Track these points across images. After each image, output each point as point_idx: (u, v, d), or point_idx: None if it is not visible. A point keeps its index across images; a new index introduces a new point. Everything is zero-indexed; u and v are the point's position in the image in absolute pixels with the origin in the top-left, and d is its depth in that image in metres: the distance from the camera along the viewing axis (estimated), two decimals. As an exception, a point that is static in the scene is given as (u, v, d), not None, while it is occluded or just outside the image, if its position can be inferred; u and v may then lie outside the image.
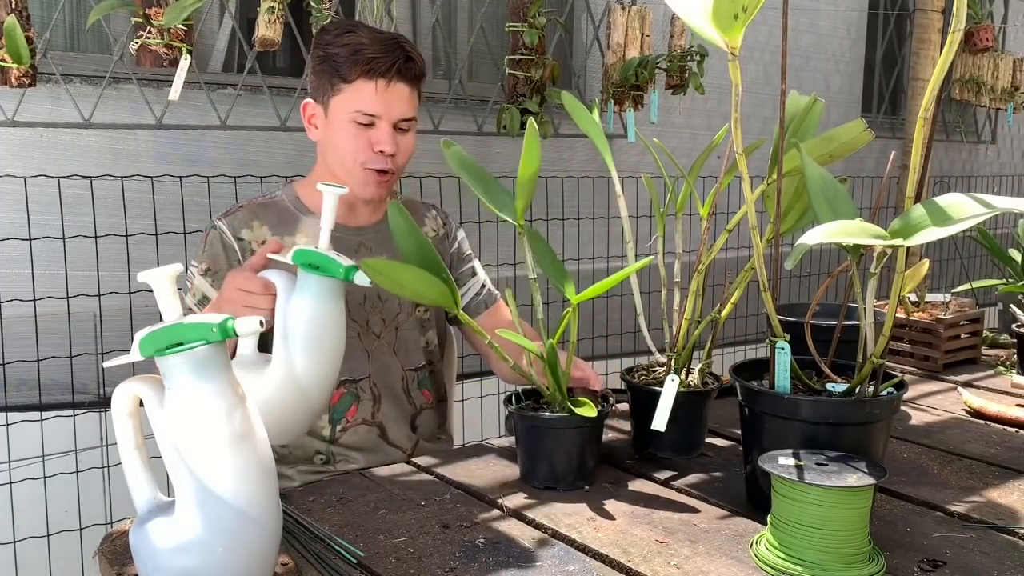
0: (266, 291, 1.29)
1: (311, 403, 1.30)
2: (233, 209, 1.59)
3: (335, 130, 1.54)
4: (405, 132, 1.56)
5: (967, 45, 3.69)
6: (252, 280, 1.29)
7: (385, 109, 1.51)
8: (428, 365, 1.70)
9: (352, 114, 1.51)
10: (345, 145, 1.53)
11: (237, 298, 1.29)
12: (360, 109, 1.50)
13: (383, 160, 1.53)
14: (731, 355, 3.22)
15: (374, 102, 1.50)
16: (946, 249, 4.21)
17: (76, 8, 2.25)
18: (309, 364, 1.26)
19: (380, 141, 1.52)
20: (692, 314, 1.40)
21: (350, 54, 1.49)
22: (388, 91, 1.50)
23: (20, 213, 2.05)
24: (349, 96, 1.51)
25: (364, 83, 1.49)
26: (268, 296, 1.29)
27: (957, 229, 0.99)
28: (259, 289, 1.29)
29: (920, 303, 2.11)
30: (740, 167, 1.15)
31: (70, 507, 2.13)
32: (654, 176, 1.50)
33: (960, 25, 0.99)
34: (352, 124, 1.52)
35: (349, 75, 1.49)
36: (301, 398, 1.28)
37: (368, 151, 1.53)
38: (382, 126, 1.52)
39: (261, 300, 1.29)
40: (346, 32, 1.52)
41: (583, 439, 1.31)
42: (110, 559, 1.10)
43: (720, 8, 1.01)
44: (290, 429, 1.32)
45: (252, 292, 1.29)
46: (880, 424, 1.17)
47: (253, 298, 1.29)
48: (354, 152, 1.53)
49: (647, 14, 2.64)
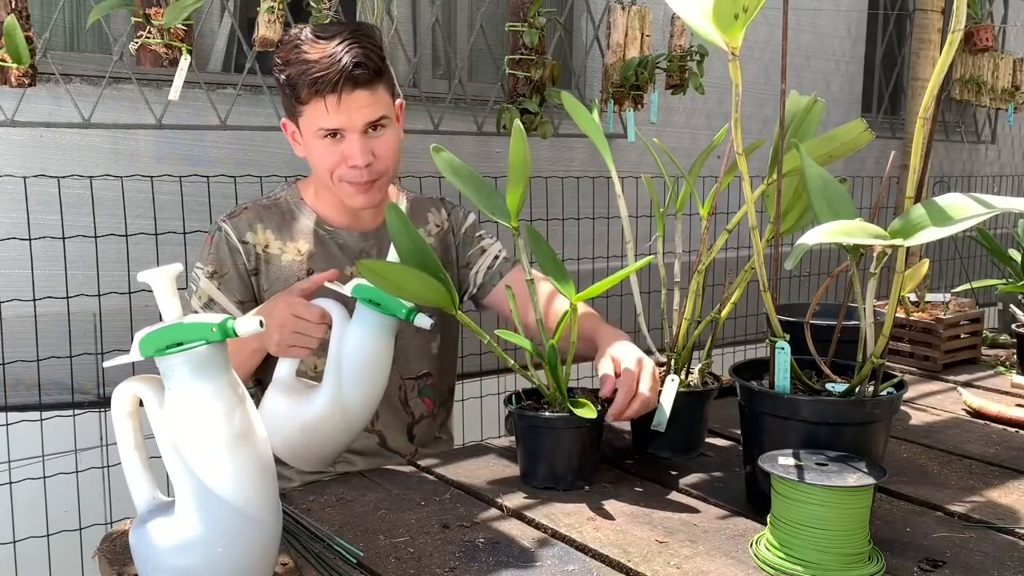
0: (322, 320, 1.31)
1: (352, 429, 1.35)
2: (238, 211, 1.58)
3: (310, 148, 1.51)
4: (381, 133, 1.50)
5: (967, 45, 3.70)
6: (310, 308, 1.31)
7: (346, 121, 1.46)
8: (432, 373, 1.68)
9: (316, 132, 1.48)
10: (321, 162, 1.50)
11: (290, 324, 1.31)
12: (321, 127, 1.47)
13: (359, 172, 1.49)
14: (731, 355, 3.22)
15: (331, 119, 1.45)
16: (946, 249, 4.21)
17: (76, 8, 2.25)
18: (357, 393, 1.31)
19: (351, 155, 1.48)
20: (692, 314, 1.40)
21: (298, 76, 1.44)
22: (343, 104, 1.44)
23: (20, 213, 2.05)
24: (309, 116, 1.47)
25: (316, 102, 1.45)
26: (322, 326, 1.31)
27: (957, 229, 0.99)
28: (316, 318, 1.31)
29: (920, 303, 2.11)
30: (740, 167, 1.15)
31: (70, 507, 2.12)
32: (654, 176, 1.50)
33: (960, 25, 0.99)
34: (321, 140, 1.48)
35: (302, 97, 1.45)
36: (345, 424, 1.33)
37: (343, 165, 1.49)
38: (350, 137, 1.47)
39: (315, 329, 1.31)
40: (292, 49, 1.46)
41: (584, 439, 1.31)
42: (110, 559, 1.10)
43: (720, 8, 1.01)
44: (327, 452, 1.38)
45: (309, 320, 1.30)
46: (880, 424, 1.17)
47: (308, 326, 1.31)
48: (329, 168, 1.50)
49: (647, 14, 2.64)
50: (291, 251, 1.57)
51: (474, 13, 2.76)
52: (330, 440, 1.35)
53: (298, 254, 1.57)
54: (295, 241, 1.57)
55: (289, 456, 1.35)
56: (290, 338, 1.31)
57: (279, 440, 1.32)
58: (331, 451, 1.37)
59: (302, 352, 1.33)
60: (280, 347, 1.33)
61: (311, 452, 1.35)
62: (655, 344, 1.50)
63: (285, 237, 1.57)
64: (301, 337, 1.31)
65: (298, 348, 1.32)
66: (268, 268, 1.56)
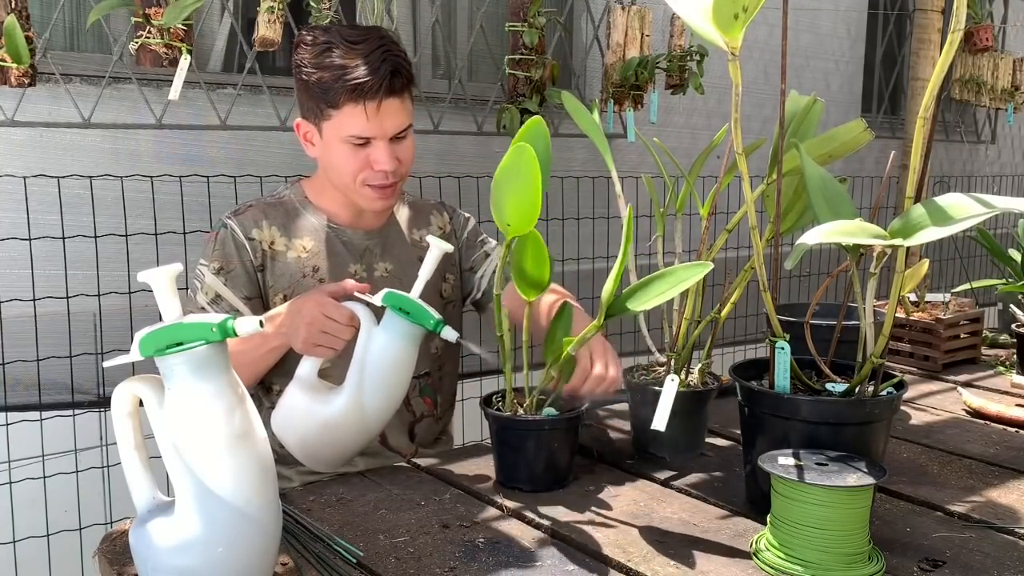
0: (351, 323, 1.32)
1: (368, 432, 1.37)
2: (243, 208, 1.58)
3: (331, 152, 1.51)
4: (403, 139, 1.52)
5: (967, 45, 3.69)
6: (340, 310, 1.32)
7: (379, 129, 1.46)
8: (432, 373, 1.68)
9: (346, 138, 1.47)
10: (344, 166, 1.50)
11: (319, 323, 1.32)
12: (353, 134, 1.46)
13: (384, 176, 1.50)
14: (731, 355, 3.22)
15: (366, 126, 1.45)
16: (946, 249, 4.21)
17: (76, 8, 2.25)
18: (377, 397, 1.33)
19: (379, 160, 1.48)
20: (692, 314, 1.40)
21: (333, 80, 1.42)
22: (379, 112, 1.44)
23: (20, 213, 2.05)
24: (340, 121, 1.46)
25: (353, 108, 1.44)
26: (350, 328, 1.32)
27: (957, 229, 0.99)
28: (345, 320, 1.32)
29: (920, 303, 2.11)
30: (740, 167, 1.15)
31: (70, 507, 2.12)
32: (654, 176, 1.50)
33: (960, 25, 0.99)
34: (348, 146, 1.48)
35: (336, 102, 1.44)
36: (362, 426, 1.34)
37: (368, 170, 1.50)
38: (379, 144, 1.48)
39: (343, 331, 1.32)
40: (323, 51, 1.44)
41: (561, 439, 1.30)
42: (110, 559, 1.10)
43: (720, 8, 1.01)
44: (341, 453, 1.38)
45: (338, 321, 1.31)
46: (880, 424, 1.17)
47: (336, 327, 1.32)
48: (354, 172, 1.50)
49: (647, 14, 2.64)
50: (296, 248, 1.57)
51: (474, 13, 2.76)
52: (345, 441, 1.35)
53: (303, 251, 1.57)
54: (300, 238, 1.57)
55: (302, 454, 1.36)
56: (317, 337, 1.32)
57: (295, 437, 1.33)
58: (344, 452, 1.37)
59: (327, 352, 1.34)
60: (306, 345, 1.34)
61: (325, 451, 1.36)
62: (655, 344, 1.50)
63: (290, 234, 1.57)
64: (328, 337, 1.32)
65: (324, 348, 1.33)
66: (274, 265, 1.56)
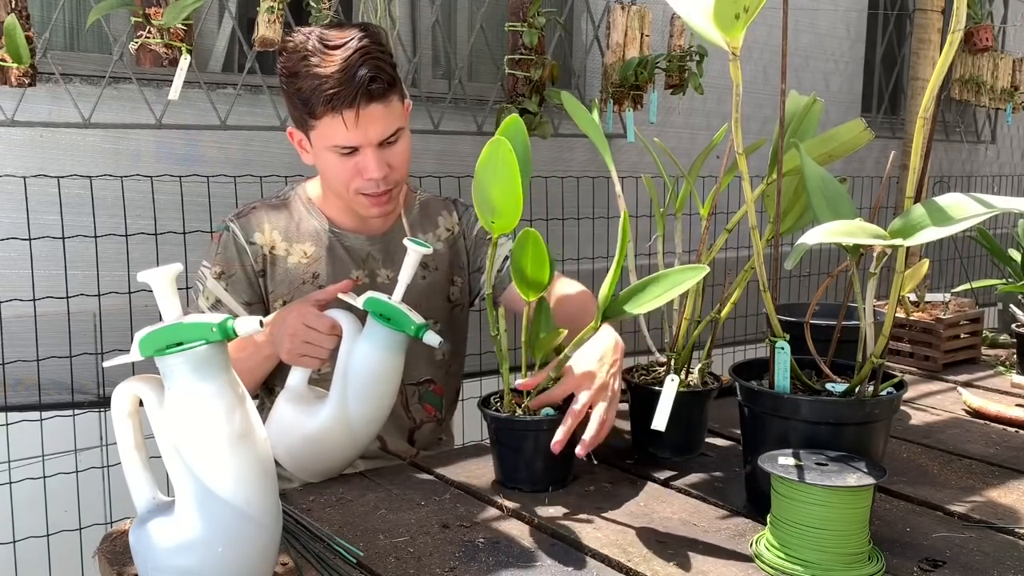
0: (332, 332, 1.30)
1: (357, 444, 1.34)
2: (246, 211, 1.57)
3: (321, 161, 1.48)
4: (394, 143, 1.47)
5: (967, 45, 3.70)
6: (321, 319, 1.30)
7: (362, 137, 1.42)
8: (437, 379, 1.67)
9: (331, 148, 1.44)
10: (335, 176, 1.48)
11: (301, 333, 1.30)
12: (336, 144, 1.43)
13: (375, 184, 1.47)
14: (731, 355, 3.22)
15: (347, 135, 1.41)
16: (946, 249, 4.21)
17: (76, 8, 2.25)
18: (362, 408, 1.30)
19: (367, 169, 1.45)
20: (692, 314, 1.40)
21: (311, 91, 1.38)
22: (359, 120, 1.40)
23: (20, 213, 2.05)
24: (322, 131, 1.43)
25: (332, 119, 1.40)
26: (333, 337, 1.30)
27: (957, 229, 0.99)
28: (326, 329, 1.29)
29: (920, 303, 2.11)
30: (740, 167, 1.15)
31: (70, 507, 2.12)
32: (654, 176, 1.50)
33: (960, 25, 0.99)
34: (335, 155, 1.45)
35: (315, 112, 1.40)
36: (349, 439, 1.32)
37: (359, 178, 1.47)
38: (367, 152, 1.44)
39: (326, 340, 1.30)
40: (301, 60, 1.39)
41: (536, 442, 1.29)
42: (110, 559, 1.10)
43: (721, 8, 1.01)
44: (330, 465, 1.36)
45: (318, 331, 1.29)
46: (880, 424, 1.17)
47: (318, 336, 1.30)
48: (345, 181, 1.47)
49: (647, 14, 2.64)
50: (297, 253, 1.56)
51: (474, 13, 2.76)
52: (333, 453, 1.33)
53: (304, 256, 1.56)
54: (302, 243, 1.56)
55: (292, 466, 1.34)
56: (300, 347, 1.30)
57: (283, 449, 1.32)
58: (334, 464, 1.36)
59: (312, 362, 1.32)
60: (291, 355, 1.32)
61: (313, 464, 1.34)
62: (655, 344, 1.50)
63: (292, 239, 1.56)
64: (311, 347, 1.30)
65: (308, 358, 1.32)
66: (274, 270, 1.55)
